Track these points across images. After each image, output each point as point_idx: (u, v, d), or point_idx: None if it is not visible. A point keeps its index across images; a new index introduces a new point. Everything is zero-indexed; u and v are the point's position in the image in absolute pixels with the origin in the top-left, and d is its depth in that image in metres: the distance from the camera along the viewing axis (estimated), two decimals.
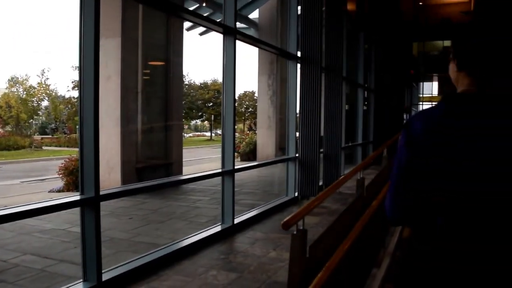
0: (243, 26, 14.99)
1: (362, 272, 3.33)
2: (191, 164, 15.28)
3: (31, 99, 31.80)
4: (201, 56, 73.86)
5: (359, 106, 12.65)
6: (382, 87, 14.01)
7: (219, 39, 5.37)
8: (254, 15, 15.38)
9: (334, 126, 8.73)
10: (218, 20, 5.51)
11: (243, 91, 45.44)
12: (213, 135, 45.79)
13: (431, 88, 35.87)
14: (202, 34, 16.77)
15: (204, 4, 13.12)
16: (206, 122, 50.77)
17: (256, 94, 17.61)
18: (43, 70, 45.71)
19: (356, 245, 2.83)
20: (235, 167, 5.48)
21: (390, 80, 15.00)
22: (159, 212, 6.93)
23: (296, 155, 7.50)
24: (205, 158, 18.93)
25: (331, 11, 8.69)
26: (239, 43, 5.80)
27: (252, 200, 7.80)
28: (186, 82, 42.15)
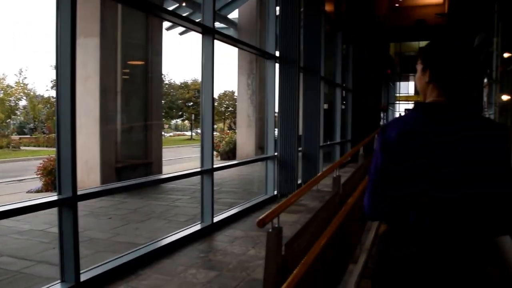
0: (222, 26, 15.00)
1: (339, 268, 3.39)
2: (171, 164, 15.22)
3: (8, 99, 31.11)
4: (181, 55, 73.53)
5: (337, 105, 12.79)
6: (359, 86, 14.21)
7: (199, 38, 5.40)
8: (234, 15, 15.40)
9: (313, 125, 8.84)
10: (197, 20, 5.52)
11: (223, 90, 45.43)
12: (193, 134, 45.60)
13: (408, 87, 36.52)
14: (182, 33, 16.73)
15: (183, 4, 13.09)
16: (187, 121, 50.54)
17: (236, 94, 17.62)
18: (20, 69, 44.96)
19: (333, 241, 2.90)
20: (214, 166, 5.51)
21: (367, 80, 15.23)
22: (138, 212, 6.91)
23: (275, 153, 7.57)
24: (185, 158, 18.86)
25: (309, 12, 8.80)
26: (219, 43, 5.83)
27: (232, 198, 7.84)
28: (167, 82, 41.92)
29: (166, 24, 11.92)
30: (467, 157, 1.35)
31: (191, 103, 43.40)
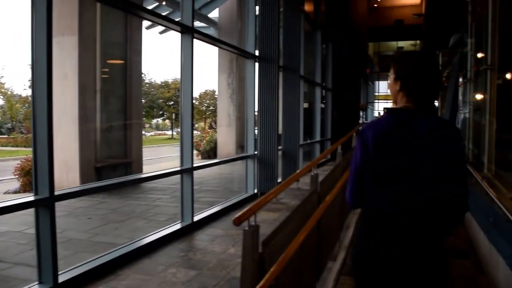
0: (202, 25, 14.98)
1: (317, 266, 3.43)
2: (151, 163, 15.14)
3: None
4: (161, 54, 72.95)
5: (317, 104, 12.90)
6: (339, 82, 14.33)
7: (179, 37, 5.39)
8: (214, 14, 15.39)
9: (292, 124, 8.91)
10: (176, 20, 5.51)
11: (204, 89, 45.29)
12: (174, 133, 45.34)
13: (386, 86, 36.87)
14: (162, 32, 16.67)
15: (163, 3, 13.02)
16: (167, 120, 50.21)
17: (216, 93, 17.62)
18: None
19: (311, 239, 2.94)
20: (194, 165, 5.52)
21: (347, 76, 15.38)
22: (118, 212, 6.86)
23: (255, 152, 7.61)
24: (166, 157, 18.77)
25: (289, 11, 8.85)
26: (200, 42, 5.83)
27: (212, 197, 7.85)
28: (147, 81, 41.58)
29: (146, 23, 11.85)
30: (436, 158, 1.54)
31: (172, 102, 43.15)
